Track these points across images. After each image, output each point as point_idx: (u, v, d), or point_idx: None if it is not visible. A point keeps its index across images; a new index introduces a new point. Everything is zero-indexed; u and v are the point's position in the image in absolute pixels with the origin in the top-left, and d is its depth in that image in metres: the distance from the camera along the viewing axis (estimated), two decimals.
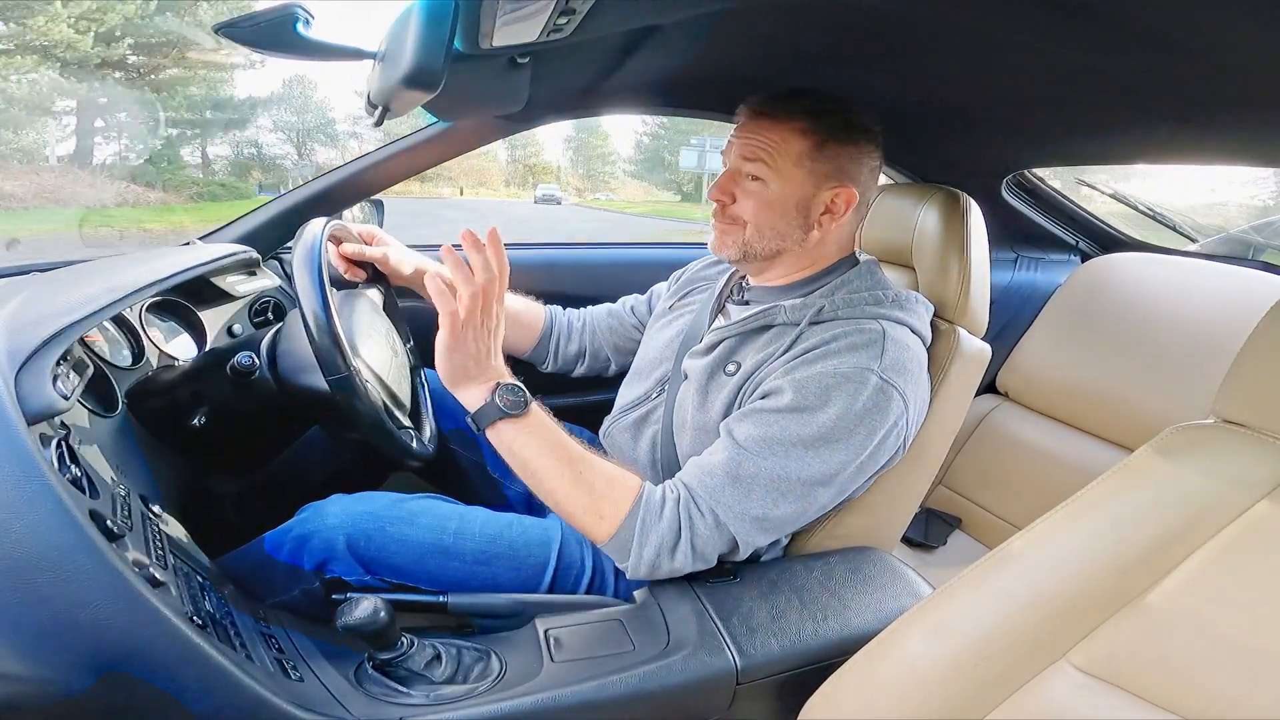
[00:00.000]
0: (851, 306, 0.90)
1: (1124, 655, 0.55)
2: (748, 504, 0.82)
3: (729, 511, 0.82)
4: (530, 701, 0.68)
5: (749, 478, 0.82)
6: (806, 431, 0.82)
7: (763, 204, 0.92)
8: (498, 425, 0.83)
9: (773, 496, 0.82)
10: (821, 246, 0.96)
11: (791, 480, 0.82)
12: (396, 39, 0.72)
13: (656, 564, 0.82)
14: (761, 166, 0.91)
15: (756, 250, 0.95)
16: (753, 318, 0.95)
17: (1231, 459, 0.58)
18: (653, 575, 0.83)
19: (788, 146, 0.90)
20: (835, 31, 0.89)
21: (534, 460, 0.84)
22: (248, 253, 1.29)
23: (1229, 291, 1.43)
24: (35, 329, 0.69)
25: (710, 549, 0.83)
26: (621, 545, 0.82)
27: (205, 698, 0.58)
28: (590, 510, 0.83)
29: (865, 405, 0.83)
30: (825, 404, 0.82)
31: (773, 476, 0.82)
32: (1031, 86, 0.91)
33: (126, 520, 0.68)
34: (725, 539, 0.83)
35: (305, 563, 0.86)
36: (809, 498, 0.84)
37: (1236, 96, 0.75)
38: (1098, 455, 1.45)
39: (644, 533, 0.82)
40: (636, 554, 0.82)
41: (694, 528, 0.82)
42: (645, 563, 0.82)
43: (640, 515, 0.82)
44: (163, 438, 0.92)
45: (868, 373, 0.83)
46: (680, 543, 0.82)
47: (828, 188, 0.92)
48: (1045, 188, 1.70)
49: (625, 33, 0.93)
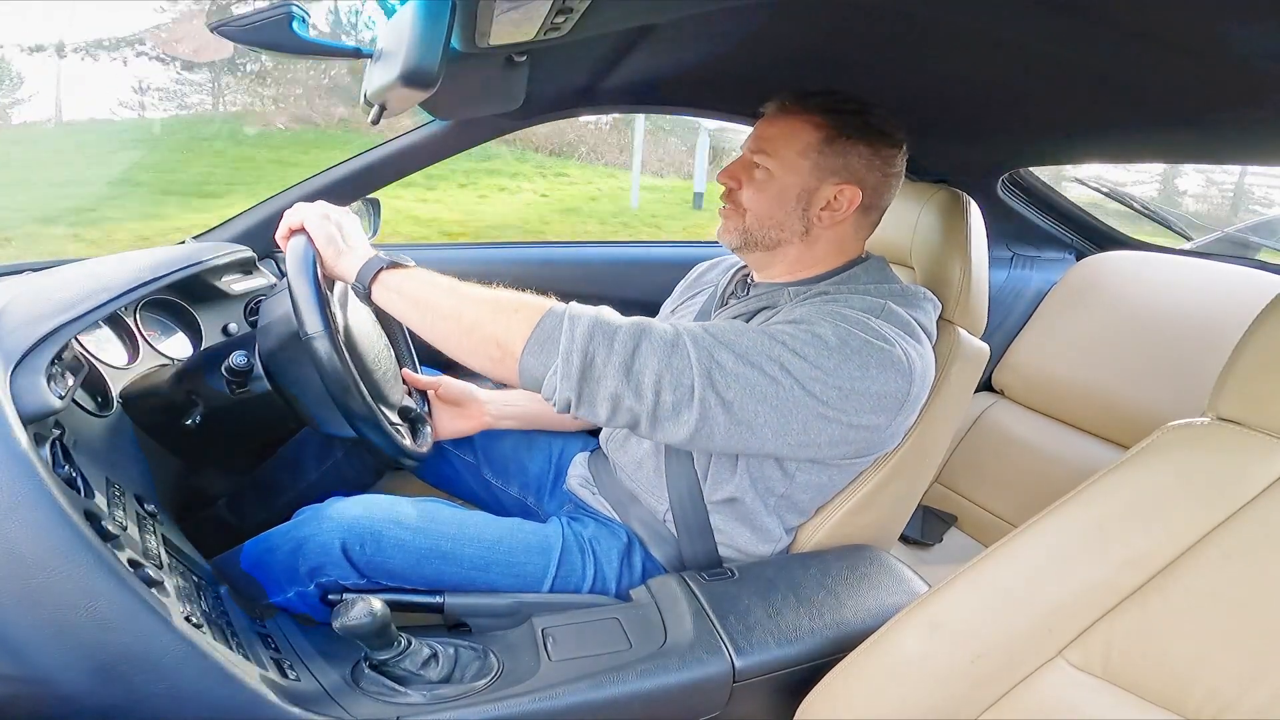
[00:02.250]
0: (856, 292, 0.90)
1: (1119, 652, 0.56)
2: (716, 349, 0.76)
3: (699, 341, 0.76)
4: (527, 700, 0.68)
5: (735, 331, 0.79)
6: (797, 336, 0.78)
7: (764, 192, 0.93)
8: (380, 277, 0.83)
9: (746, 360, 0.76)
10: (825, 245, 0.95)
11: (768, 353, 0.77)
12: (393, 37, 0.72)
13: (572, 368, 0.73)
14: (766, 157, 0.92)
15: (756, 238, 0.95)
16: (755, 299, 0.94)
17: (1226, 457, 0.59)
18: (580, 393, 0.74)
19: (796, 137, 0.91)
20: (830, 30, 0.89)
21: (424, 291, 0.82)
22: (243, 251, 1.28)
23: (1224, 290, 1.44)
24: (29, 328, 0.69)
25: (650, 368, 0.74)
26: (539, 349, 0.75)
27: (201, 697, 0.58)
28: (503, 310, 0.77)
29: (861, 342, 0.79)
30: (824, 319, 0.80)
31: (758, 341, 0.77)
32: (1027, 84, 0.91)
33: (122, 520, 0.68)
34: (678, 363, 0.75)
35: (301, 566, 0.85)
36: (779, 387, 0.76)
37: (1232, 95, 0.76)
38: (1093, 453, 1.46)
39: (571, 328, 0.74)
40: (565, 352, 0.73)
41: (647, 334, 0.75)
42: (566, 362, 0.73)
43: (568, 311, 0.76)
44: (158, 437, 0.92)
45: (866, 318, 0.82)
46: (616, 348, 0.74)
47: (831, 183, 0.91)
48: (1041, 186, 1.70)
49: (623, 32, 0.93)
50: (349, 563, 0.85)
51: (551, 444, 1.22)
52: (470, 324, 0.78)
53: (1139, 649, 0.55)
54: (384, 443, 0.90)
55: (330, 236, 0.87)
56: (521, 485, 1.19)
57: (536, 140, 9.51)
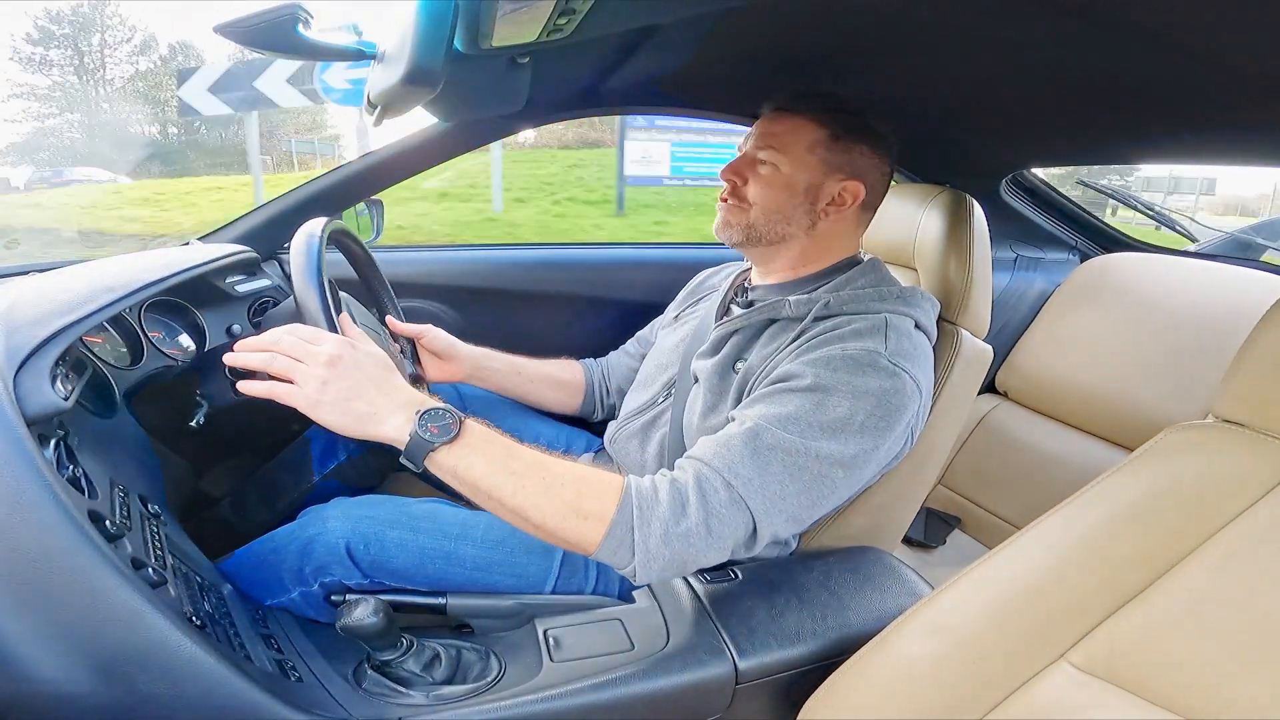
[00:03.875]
0: (856, 301, 0.90)
1: (1123, 654, 0.55)
2: (767, 478, 0.75)
3: (748, 485, 0.75)
4: (529, 701, 0.68)
5: (767, 450, 0.76)
6: (824, 415, 0.79)
7: (771, 186, 0.94)
8: (433, 458, 0.72)
9: (791, 473, 0.76)
10: (826, 241, 0.97)
11: (810, 456, 0.77)
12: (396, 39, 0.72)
13: (670, 557, 0.72)
14: (773, 153, 0.94)
15: (761, 233, 0.96)
16: (756, 311, 0.95)
17: (1230, 459, 0.59)
18: (666, 572, 0.73)
19: (802, 134, 0.93)
20: (835, 31, 0.89)
21: (486, 479, 0.72)
22: (247, 253, 1.29)
23: (1228, 291, 1.43)
24: (34, 329, 0.69)
25: (726, 529, 0.74)
26: (619, 543, 0.72)
27: (204, 698, 0.58)
28: (570, 512, 0.72)
29: (879, 389, 0.81)
30: (839, 385, 0.80)
31: (792, 450, 0.76)
32: (1031, 86, 0.91)
33: (125, 520, 0.68)
34: (743, 518, 0.75)
35: (306, 566, 0.85)
36: (826, 479, 0.78)
37: (1237, 96, 0.75)
38: (1096, 455, 1.45)
39: (644, 518, 0.72)
40: (642, 546, 0.71)
41: (707, 502, 0.73)
42: (655, 555, 0.71)
43: (634, 502, 0.73)
44: (162, 438, 0.92)
45: (876, 355, 0.82)
46: (691, 521, 0.72)
47: (836, 178, 0.94)
48: (1044, 187, 1.70)
49: (626, 33, 0.94)
50: (353, 562, 0.85)
51: (555, 446, 1.23)
52: (537, 524, 0.73)
53: (1142, 651, 0.55)
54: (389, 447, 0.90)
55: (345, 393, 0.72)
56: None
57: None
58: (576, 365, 1.33)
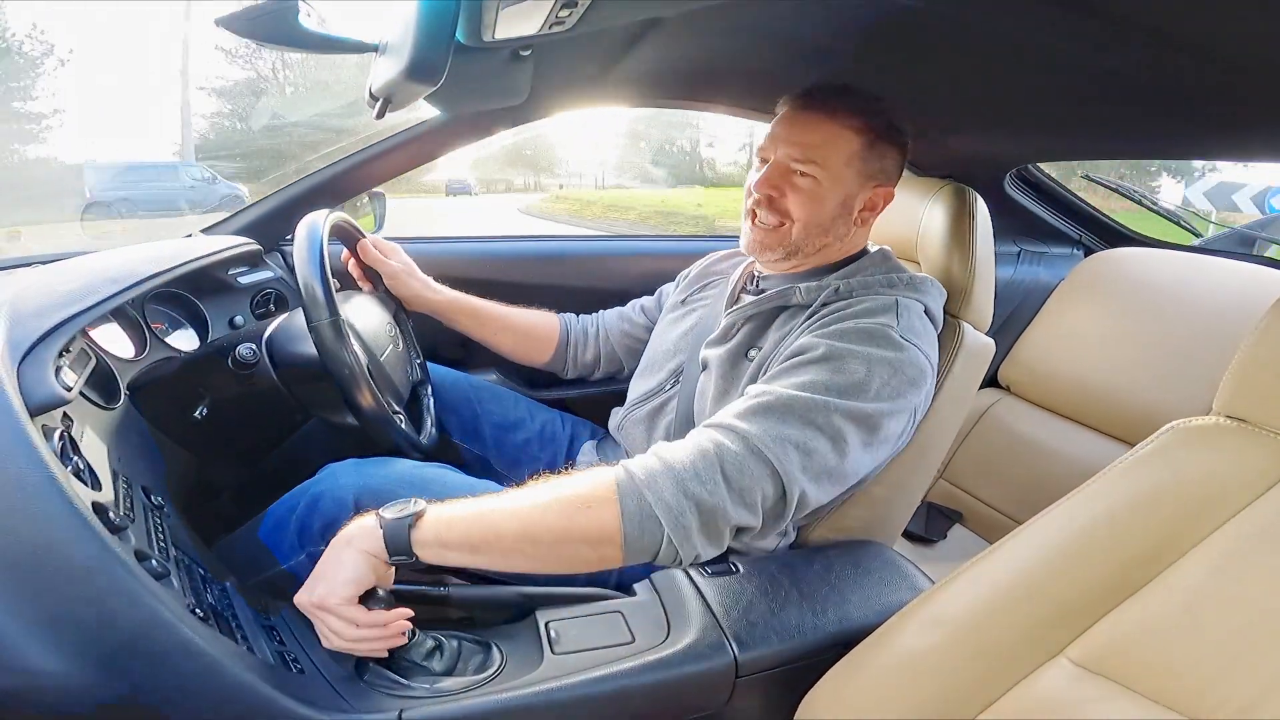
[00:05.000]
0: (866, 287, 0.91)
1: (1123, 650, 0.56)
2: (785, 430, 0.73)
3: (763, 438, 0.72)
4: (530, 693, 0.68)
5: (783, 407, 0.74)
6: (841, 378, 0.78)
7: (814, 201, 0.93)
8: (415, 536, 0.69)
9: (810, 426, 0.74)
10: (848, 241, 0.99)
11: (829, 410, 0.75)
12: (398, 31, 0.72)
13: (695, 508, 0.69)
14: (814, 166, 0.92)
15: (803, 248, 0.96)
16: (767, 298, 0.95)
17: (1233, 454, 0.58)
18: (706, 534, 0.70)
19: (841, 145, 0.92)
20: (838, 24, 0.88)
21: (476, 524, 0.70)
22: (250, 245, 1.29)
23: (1231, 287, 1.43)
24: (37, 321, 0.70)
25: (747, 479, 0.71)
26: (641, 515, 0.68)
27: (207, 690, 0.58)
28: (574, 506, 0.69)
29: (894, 359, 0.81)
30: (854, 352, 0.80)
31: (809, 405, 0.75)
32: (1036, 81, 0.91)
33: (129, 512, 0.68)
34: (765, 470, 0.72)
35: (315, 522, 0.85)
36: (846, 438, 0.76)
37: (1241, 91, 0.75)
38: (1099, 450, 1.45)
39: (651, 478, 0.69)
40: (661, 505, 0.68)
41: (722, 455, 0.71)
42: (678, 509, 0.68)
43: (632, 471, 0.71)
44: (165, 429, 0.93)
45: (888, 328, 0.83)
46: (705, 471, 0.69)
47: (870, 186, 0.94)
48: (1048, 182, 1.69)
49: (628, 26, 0.93)
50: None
51: (560, 435, 1.23)
52: (549, 526, 0.70)
53: (1142, 647, 0.55)
54: (391, 434, 0.91)
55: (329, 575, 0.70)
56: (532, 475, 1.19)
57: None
58: (553, 318, 1.31)
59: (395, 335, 1.10)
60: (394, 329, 1.10)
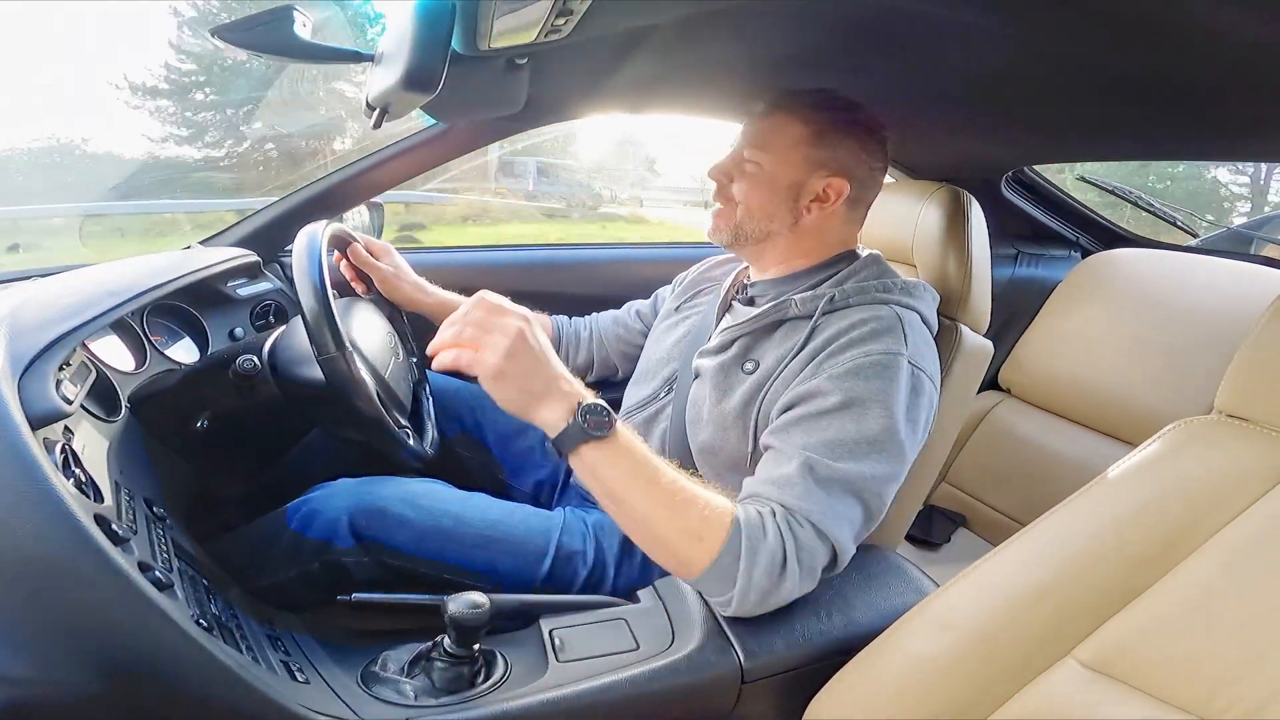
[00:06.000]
0: (862, 294, 0.91)
1: (1130, 651, 0.55)
2: (838, 505, 0.77)
3: (825, 516, 0.76)
4: (535, 702, 0.68)
5: (828, 480, 0.77)
6: (865, 431, 0.79)
7: (754, 184, 0.95)
8: (581, 450, 0.73)
9: (853, 498, 0.78)
10: (814, 235, 0.97)
11: (866, 479, 0.78)
12: (394, 41, 0.72)
13: (767, 589, 0.73)
14: (757, 151, 0.95)
15: (746, 231, 0.97)
16: (764, 314, 0.95)
17: (1235, 453, 0.58)
18: (761, 606, 0.75)
19: (786, 131, 0.94)
20: (836, 29, 0.89)
21: (623, 484, 0.73)
22: (249, 256, 1.29)
23: (1230, 286, 1.43)
24: (38, 334, 0.70)
25: (816, 562, 0.76)
26: (724, 572, 0.72)
27: (211, 701, 0.58)
28: (688, 534, 0.73)
29: (907, 392, 0.82)
30: (870, 397, 0.80)
31: (849, 477, 0.78)
32: (1032, 83, 0.91)
33: (131, 524, 0.68)
34: (826, 548, 0.77)
35: (305, 540, 0.87)
36: (882, 496, 0.81)
37: (1239, 92, 0.75)
38: (1101, 451, 1.45)
39: (752, 553, 0.73)
40: (745, 579, 0.72)
41: (798, 540, 0.74)
42: (756, 588, 0.72)
43: (745, 534, 0.73)
44: (166, 441, 0.92)
45: (899, 358, 0.83)
46: (788, 560, 0.74)
47: (820, 175, 0.94)
48: (1045, 184, 1.70)
49: (623, 34, 0.93)
50: (355, 537, 0.87)
51: None
52: (655, 536, 0.74)
53: (1150, 647, 0.55)
54: (400, 452, 0.91)
55: (521, 378, 0.73)
56: (535, 482, 1.22)
57: None
58: (545, 319, 1.32)
59: (395, 345, 1.10)
60: (393, 338, 1.10)
